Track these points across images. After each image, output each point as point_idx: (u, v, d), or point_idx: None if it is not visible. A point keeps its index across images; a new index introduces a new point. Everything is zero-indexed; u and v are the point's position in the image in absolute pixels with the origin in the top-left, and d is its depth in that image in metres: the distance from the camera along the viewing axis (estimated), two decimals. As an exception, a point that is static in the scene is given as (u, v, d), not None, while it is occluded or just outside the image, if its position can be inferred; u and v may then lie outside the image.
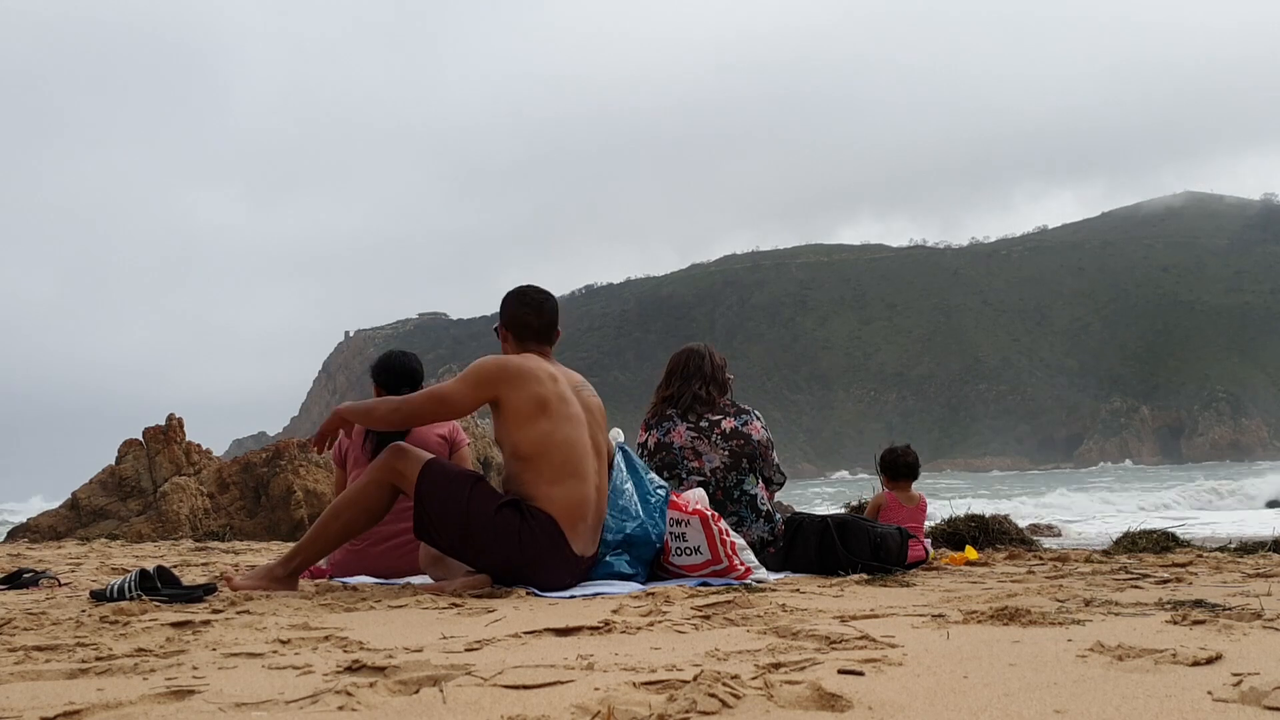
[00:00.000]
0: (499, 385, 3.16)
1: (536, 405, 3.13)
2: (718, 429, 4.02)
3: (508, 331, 3.38)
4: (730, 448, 3.99)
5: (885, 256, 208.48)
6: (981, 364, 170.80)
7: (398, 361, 4.19)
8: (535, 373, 3.18)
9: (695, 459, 3.98)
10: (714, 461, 3.98)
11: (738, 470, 4.00)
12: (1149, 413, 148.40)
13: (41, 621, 2.34)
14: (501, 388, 3.16)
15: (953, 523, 6.20)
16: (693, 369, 4.11)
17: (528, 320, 3.35)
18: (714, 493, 3.97)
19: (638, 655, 1.83)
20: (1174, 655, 1.66)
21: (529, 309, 3.35)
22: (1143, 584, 3.17)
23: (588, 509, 3.18)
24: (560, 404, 3.17)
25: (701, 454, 3.98)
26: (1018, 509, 15.14)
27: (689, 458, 3.99)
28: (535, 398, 3.14)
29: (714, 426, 4.02)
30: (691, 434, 4.00)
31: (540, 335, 3.36)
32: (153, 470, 13.36)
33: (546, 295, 3.41)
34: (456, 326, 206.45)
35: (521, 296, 3.39)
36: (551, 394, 3.16)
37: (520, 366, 3.19)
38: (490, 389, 3.17)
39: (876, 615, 2.41)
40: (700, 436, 4.00)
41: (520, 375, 3.16)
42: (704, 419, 4.03)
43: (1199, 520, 13.76)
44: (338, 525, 3.21)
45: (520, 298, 3.39)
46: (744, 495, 4.01)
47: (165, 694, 1.49)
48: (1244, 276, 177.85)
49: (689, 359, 4.15)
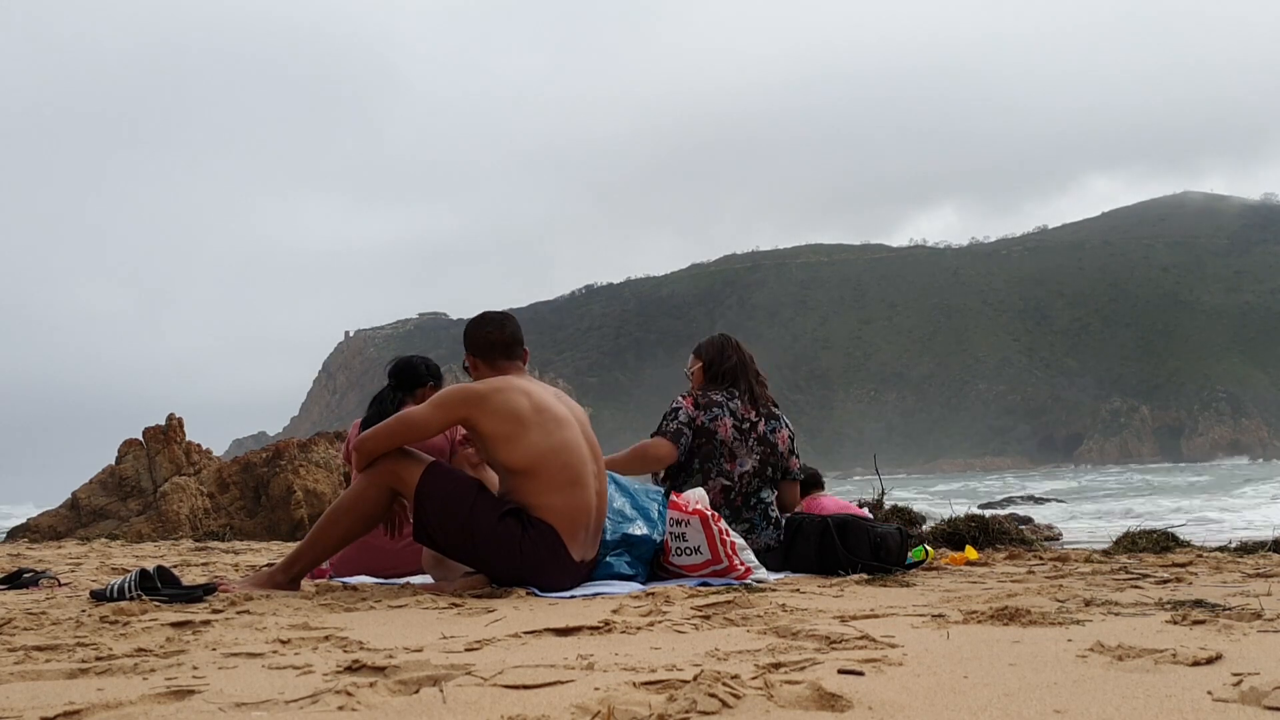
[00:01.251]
0: (465, 408, 3.15)
1: (513, 421, 3.10)
2: (754, 432, 4.07)
3: (475, 359, 3.38)
4: (761, 454, 4.06)
5: (885, 256, 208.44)
6: (981, 364, 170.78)
7: (403, 361, 4.43)
8: (503, 390, 3.15)
9: (730, 460, 4.01)
10: (745, 466, 4.02)
11: (761, 478, 4.06)
12: (1149, 413, 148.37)
13: (41, 621, 2.34)
14: (467, 410, 3.14)
15: (953, 523, 6.19)
16: (747, 356, 4.21)
17: (491, 339, 3.34)
18: (734, 498, 4.00)
19: (638, 655, 1.83)
20: (1174, 655, 1.67)
21: (490, 328, 3.36)
22: (1143, 584, 3.17)
23: (589, 516, 3.17)
24: (540, 413, 3.14)
25: (737, 456, 4.02)
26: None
27: (725, 457, 4.01)
28: (509, 415, 3.10)
29: (752, 429, 4.07)
30: (735, 433, 4.03)
31: (506, 352, 3.34)
32: (153, 470, 13.36)
33: (505, 315, 3.43)
34: (456, 326, 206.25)
35: (480, 320, 3.41)
36: (526, 406, 3.13)
37: (486, 389, 3.16)
38: (457, 411, 3.16)
39: (876, 615, 2.41)
40: (740, 439, 4.03)
41: (486, 397, 3.13)
42: (745, 420, 4.07)
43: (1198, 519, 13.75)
44: (337, 530, 3.20)
45: (480, 321, 3.41)
46: (760, 503, 4.06)
47: (165, 694, 1.49)
48: (1244, 276, 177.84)
49: (739, 346, 4.24)
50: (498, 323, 3.37)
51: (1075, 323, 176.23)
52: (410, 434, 3.19)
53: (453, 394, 3.21)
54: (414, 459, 3.14)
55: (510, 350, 3.35)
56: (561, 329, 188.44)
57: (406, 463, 3.13)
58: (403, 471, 3.12)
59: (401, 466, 3.12)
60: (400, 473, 3.12)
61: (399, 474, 3.12)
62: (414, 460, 3.14)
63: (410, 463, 3.13)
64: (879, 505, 6.93)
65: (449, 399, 3.19)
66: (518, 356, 3.36)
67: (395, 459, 3.14)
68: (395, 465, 3.13)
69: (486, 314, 3.43)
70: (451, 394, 3.21)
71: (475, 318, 3.44)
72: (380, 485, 3.15)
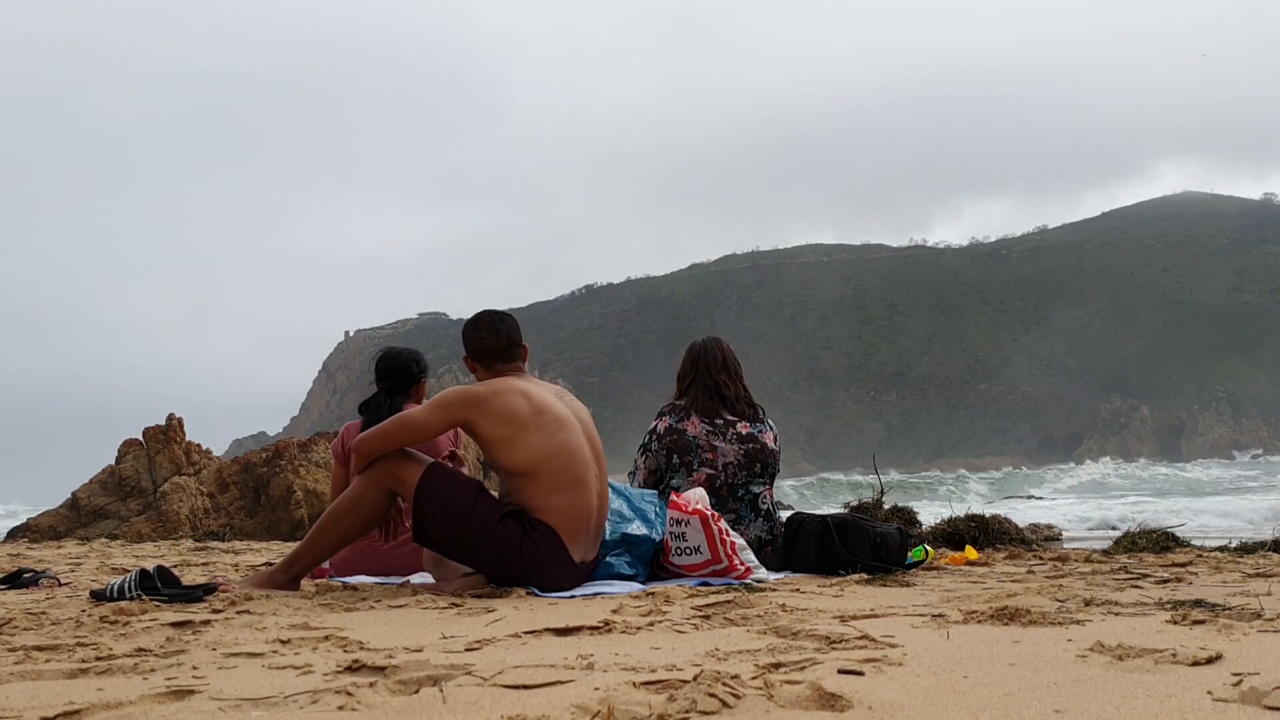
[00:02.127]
0: (464, 410, 3.15)
1: (512, 424, 3.10)
2: (734, 429, 4.09)
3: (473, 361, 3.39)
4: (747, 449, 4.07)
5: (885, 256, 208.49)
6: (981, 364, 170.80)
7: (393, 359, 4.31)
8: (502, 393, 3.15)
9: (710, 450, 4.04)
10: (728, 457, 4.05)
11: (749, 471, 4.07)
12: (1149, 413, 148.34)
13: (41, 621, 2.34)
14: (467, 413, 3.15)
15: (953, 523, 6.18)
16: (710, 360, 4.22)
17: (486, 344, 3.35)
18: (720, 488, 4.01)
19: (638, 655, 1.83)
20: (1174, 655, 1.66)
21: (484, 333, 3.36)
22: (1143, 584, 3.16)
23: (590, 518, 3.17)
24: (540, 414, 3.14)
25: (716, 447, 4.05)
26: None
27: (703, 448, 4.04)
28: (508, 417, 3.11)
29: (730, 425, 4.09)
30: (706, 428, 4.06)
31: (502, 355, 3.35)
32: (153, 470, 13.36)
33: (501, 316, 3.42)
34: (456, 326, 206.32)
35: (475, 323, 3.40)
36: (525, 408, 3.13)
37: (485, 391, 3.17)
38: (457, 413, 3.17)
39: (876, 615, 2.41)
40: (716, 433, 4.06)
41: (485, 400, 3.14)
42: (720, 417, 4.10)
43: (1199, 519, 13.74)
44: (336, 531, 3.20)
45: (475, 325, 3.40)
46: (747, 494, 4.08)
47: (165, 694, 1.49)
48: (1244, 276, 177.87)
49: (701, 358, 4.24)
50: (492, 327, 3.36)
51: (1075, 323, 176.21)
52: (410, 435, 3.20)
53: (452, 396, 3.21)
54: (413, 460, 3.14)
55: (506, 353, 3.35)
56: (561, 329, 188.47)
57: (405, 464, 3.13)
58: (402, 473, 3.11)
59: (401, 468, 3.12)
60: (399, 474, 3.12)
61: (398, 475, 3.12)
62: (413, 462, 3.14)
63: (409, 464, 3.12)
64: (879, 505, 6.93)
65: (448, 401, 3.19)
66: (516, 358, 3.36)
67: (394, 461, 3.14)
68: (394, 467, 3.13)
69: (482, 318, 3.41)
70: (451, 396, 3.21)
71: (471, 320, 3.43)
72: (379, 487, 3.15)
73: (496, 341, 3.35)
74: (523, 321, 3.51)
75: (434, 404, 3.21)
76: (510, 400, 3.13)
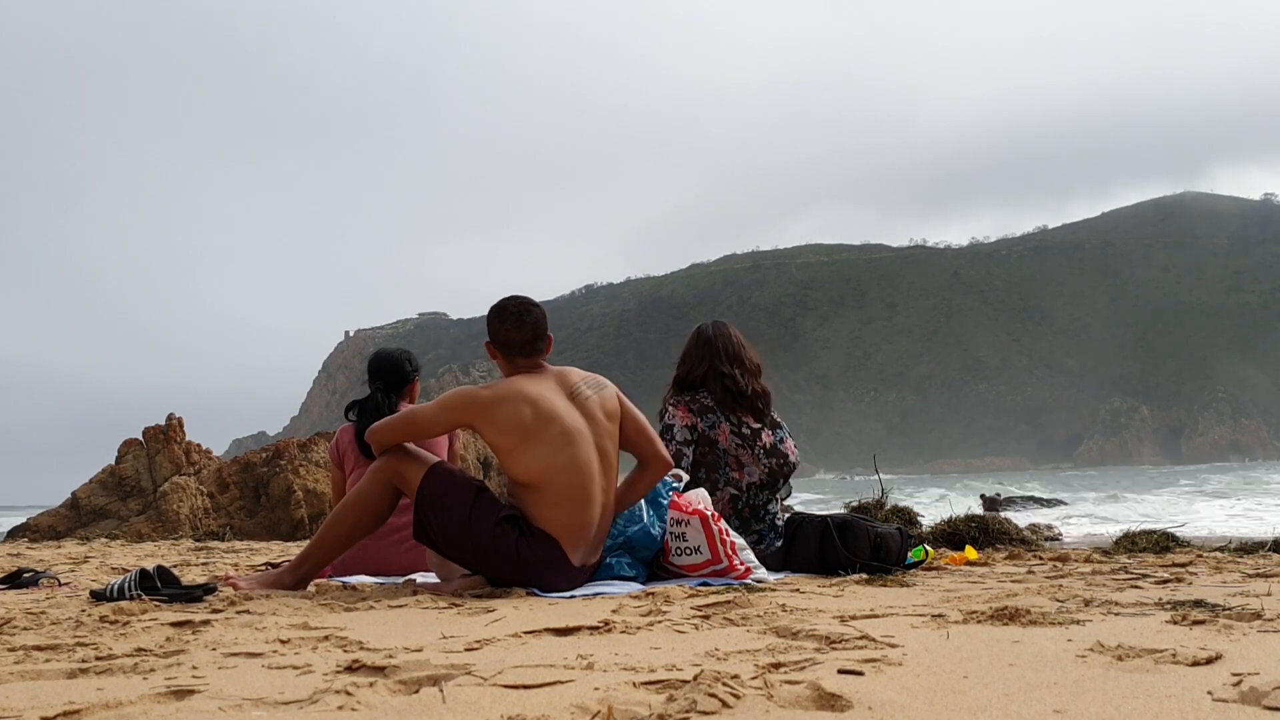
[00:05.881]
0: (468, 414, 3.13)
1: (515, 434, 3.05)
2: (759, 441, 3.95)
3: (495, 350, 3.30)
4: (770, 465, 3.95)
5: (885, 256, 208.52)
6: (981, 364, 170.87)
7: (386, 359, 4.34)
8: (508, 400, 3.08)
9: (737, 469, 3.91)
10: (753, 476, 3.92)
11: (771, 489, 3.98)
12: (1149, 413, 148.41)
13: (41, 621, 2.34)
14: (471, 417, 3.12)
15: (953, 523, 6.18)
16: (718, 347, 4.01)
17: (510, 336, 3.24)
18: (742, 509, 3.94)
19: (638, 655, 1.83)
20: (1174, 655, 1.66)
21: (509, 324, 3.24)
22: (1143, 584, 3.16)
23: (591, 530, 3.15)
24: (546, 425, 3.06)
25: (744, 465, 3.91)
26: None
27: (731, 466, 3.91)
28: (511, 427, 3.05)
29: (756, 437, 3.95)
30: (735, 440, 3.91)
31: (525, 349, 3.24)
32: (153, 470, 13.36)
33: (528, 307, 3.28)
34: (456, 326, 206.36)
35: (501, 312, 3.27)
36: (529, 418, 3.05)
37: (490, 397, 3.10)
38: (461, 416, 3.15)
39: (876, 615, 2.41)
40: (744, 446, 3.92)
41: (489, 408, 3.08)
42: (745, 425, 3.94)
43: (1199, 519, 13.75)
44: (343, 530, 3.19)
45: (500, 313, 3.27)
46: (768, 514, 4.00)
47: (165, 694, 1.49)
48: (1244, 276, 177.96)
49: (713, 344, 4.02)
50: (517, 318, 3.24)
51: (1075, 323, 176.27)
52: (416, 431, 3.21)
53: (458, 398, 3.18)
54: (417, 459, 3.14)
55: (529, 347, 3.24)
56: (561, 329, 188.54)
57: (409, 462, 3.13)
58: (405, 470, 3.12)
59: (404, 465, 3.13)
60: (403, 471, 3.12)
61: (402, 473, 3.13)
62: (417, 460, 3.14)
63: (413, 462, 3.13)
64: (879, 505, 6.93)
65: (454, 403, 3.17)
66: (538, 352, 3.26)
67: (399, 458, 3.14)
68: (399, 464, 3.13)
69: (508, 306, 3.27)
70: (456, 398, 3.18)
71: (496, 307, 3.29)
72: (384, 483, 3.16)
73: (520, 335, 3.24)
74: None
75: (441, 404, 3.19)
76: (515, 409, 3.07)
